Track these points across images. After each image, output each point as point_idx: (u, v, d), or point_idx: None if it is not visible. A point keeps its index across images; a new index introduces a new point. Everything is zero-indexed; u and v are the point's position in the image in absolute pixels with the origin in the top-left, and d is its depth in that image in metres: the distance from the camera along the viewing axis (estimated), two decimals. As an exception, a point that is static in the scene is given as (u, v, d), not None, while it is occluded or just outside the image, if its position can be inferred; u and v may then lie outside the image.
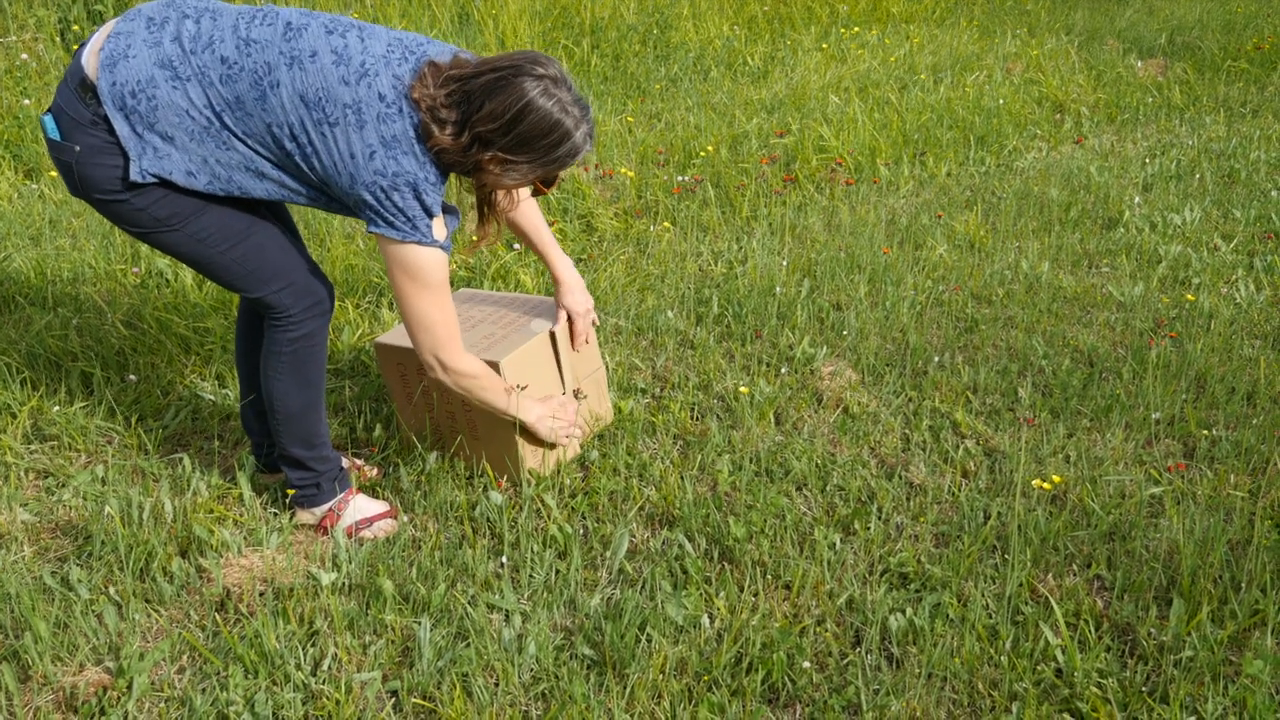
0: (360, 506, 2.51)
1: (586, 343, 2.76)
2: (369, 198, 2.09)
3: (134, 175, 2.07)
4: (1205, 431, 2.83)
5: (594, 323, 2.78)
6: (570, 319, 2.71)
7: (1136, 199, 4.56)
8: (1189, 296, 3.58)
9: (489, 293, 2.95)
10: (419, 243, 2.14)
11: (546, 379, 2.64)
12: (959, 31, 7.63)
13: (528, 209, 2.62)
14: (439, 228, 2.18)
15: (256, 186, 2.16)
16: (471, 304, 2.86)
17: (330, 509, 2.49)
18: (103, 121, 2.06)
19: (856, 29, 7.65)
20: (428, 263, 2.17)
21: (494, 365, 2.50)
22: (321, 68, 2.06)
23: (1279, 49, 7.11)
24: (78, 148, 2.08)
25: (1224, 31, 7.70)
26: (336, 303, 3.48)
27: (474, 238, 2.41)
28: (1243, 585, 2.24)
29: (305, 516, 2.52)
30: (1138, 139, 5.63)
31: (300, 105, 2.05)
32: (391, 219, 2.11)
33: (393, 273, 2.19)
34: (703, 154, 4.95)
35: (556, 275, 2.70)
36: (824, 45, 7.18)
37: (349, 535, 2.46)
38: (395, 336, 2.71)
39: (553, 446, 2.65)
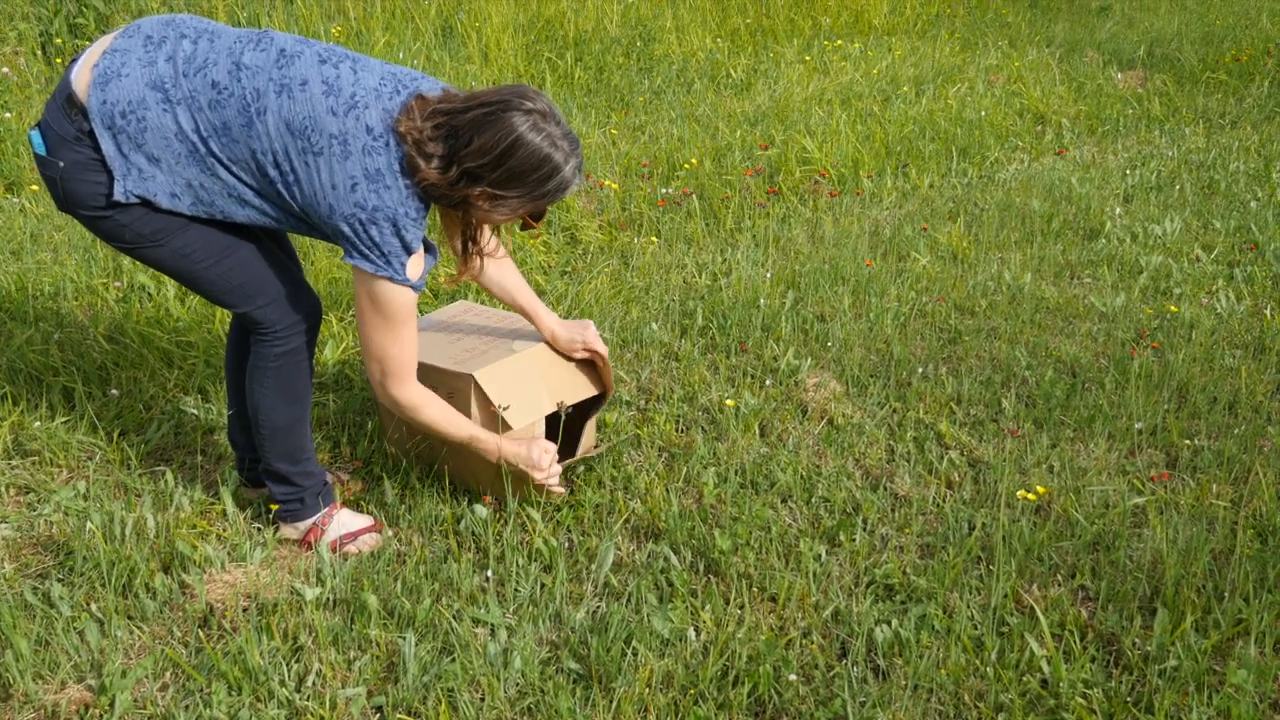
0: (344, 521, 2.50)
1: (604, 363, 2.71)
2: (346, 229, 2.08)
3: (117, 195, 2.07)
4: (1187, 441, 2.85)
5: (601, 352, 2.69)
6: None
7: (1117, 210, 4.59)
8: (1171, 307, 3.60)
9: (485, 308, 2.93)
10: (390, 279, 2.13)
11: (530, 396, 2.62)
12: (941, 44, 7.67)
13: (506, 270, 2.60)
14: (414, 266, 2.16)
15: (238, 212, 2.16)
16: (465, 318, 2.86)
17: (314, 524, 2.48)
18: (87, 137, 2.06)
19: (839, 41, 7.68)
20: (395, 300, 2.16)
21: (469, 378, 2.49)
22: (310, 97, 2.05)
23: (1257, 61, 7.18)
24: (62, 163, 2.08)
25: (1203, 43, 7.77)
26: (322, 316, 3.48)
27: (456, 272, 2.40)
28: (1226, 594, 2.25)
29: (289, 531, 2.50)
30: (1118, 150, 5.67)
31: (286, 133, 2.05)
32: (366, 252, 2.10)
33: (359, 299, 2.19)
34: (687, 166, 4.96)
35: (544, 331, 2.67)
36: (806, 58, 7.21)
37: (333, 550, 2.45)
38: None
39: (541, 490, 2.59)
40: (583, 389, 2.70)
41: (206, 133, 2.06)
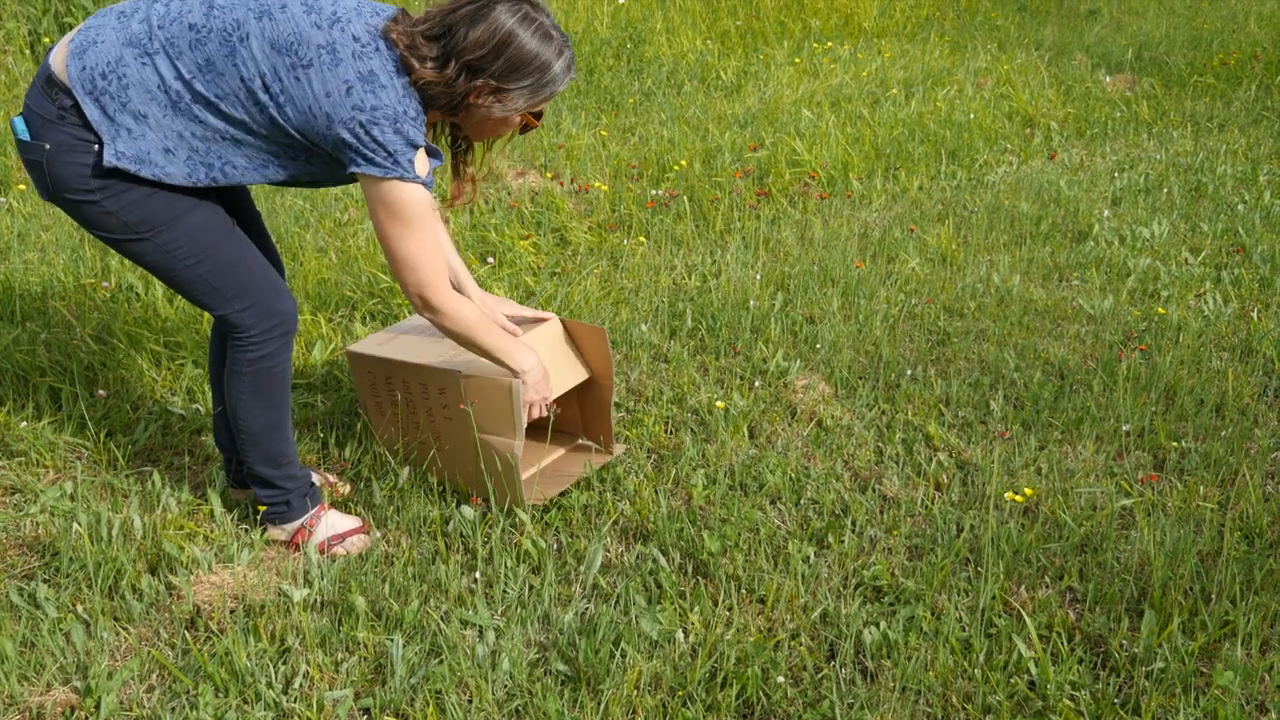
0: (332, 522, 2.49)
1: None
2: (348, 135, 2.06)
3: (108, 159, 2.05)
4: (1175, 443, 2.86)
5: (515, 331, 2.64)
6: None
7: (1106, 213, 4.60)
8: (1159, 310, 3.62)
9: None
10: (401, 178, 2.10)
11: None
12: (930, 47, 7.69)
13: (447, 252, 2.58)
14: (421, 162, 2.14)
15: (236, 156, 2.13)
16: None
17: (302, 525, 2.47)
18: (70, 113, 2.05)
19: (829, 44, 7.70)
20: (409, 199, 2.13)
21: (455, 374, 2.49)
22: (292, 16, 2.05)
23: (1244, 64, 7.21)
24: (47, 146, 2.08)
25: (1190, 47, 7.80)
26: (310, 316, 3.47)
27: (449, 197, 2.39)
28: (1213, 596, 2.25)
29: (277, 533, 2.50)
30: (1106, 153, 5.69)
31: (272, 53, 2.04)
32: (372, 155, 2.07)
33: (375, 213, 2.15)
34: (676, 168, 4.96)
35: (464, 290, 2.62)
36: (796, 60, 7.22)
37: (321, 552, 2.44)
38: (366, 345, 2.70)
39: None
40: (574, 374, 2.68)
41: (190, 75, 2.05)
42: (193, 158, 2.12)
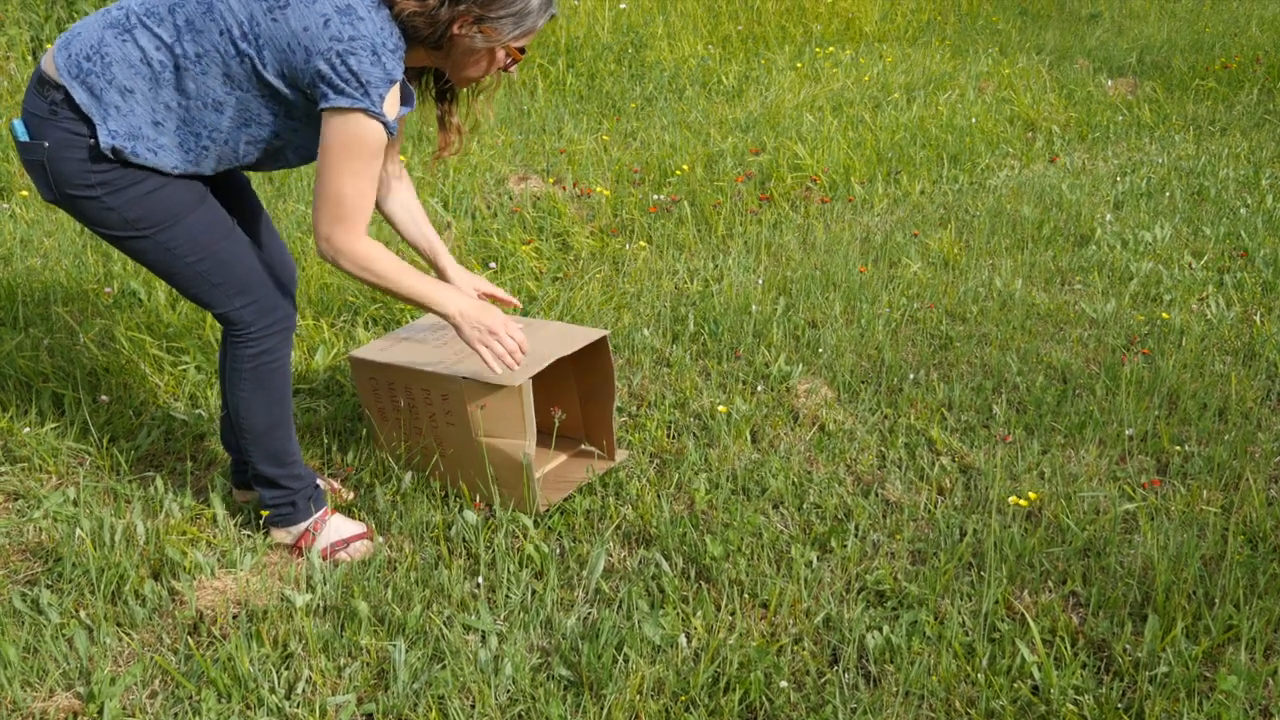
0: (337, 527, 2.49)
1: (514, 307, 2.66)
2: (324, 67, 2.04)
3: (103, 141, 2.07)
4: (1178, 447, 2.85)
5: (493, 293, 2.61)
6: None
7: (1108, 216, 4.60)
8: (1162, 314, 3.61)
9: None
10: (366, 111, 2.06)
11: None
12: (931, 51, 7.70)
13: (410, 199, 2.56)
14: (392, 103, 2.11)
15: (220, 120, 2.14)
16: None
17: (306, 529, 2.47)
18: (62, 106, 2.08)
19: (830, 48, 7.70)
20: (365, 132, 2.08)
21: (457, 380, 2.49)
22: None
23: (1246, 68, 7.21)
24: (47, 143, 2.10)
25: (1192, 51, 7.80)
26: (313, 322, 3.47)
27: (438, 148, 2.39)
28: (1216, 601, 2.25)
29: (281, 536, 2.50)
30: (1108, 157, 5.69)
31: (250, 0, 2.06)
32: (344, 85, 2.04)
33: (326, 141, 2.10)
34: (678, 172, 4.96)
35: (439, 265, 2.60)
36: (798, 64, 7.22)
37: (324, 557, 2.44)
38: (370, 351, 2.70)
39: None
40: (564, 346, 2.63)
41: (171, 39, 2.07)
42: (182, 128, 2.13)
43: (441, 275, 2.61)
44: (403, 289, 2.24)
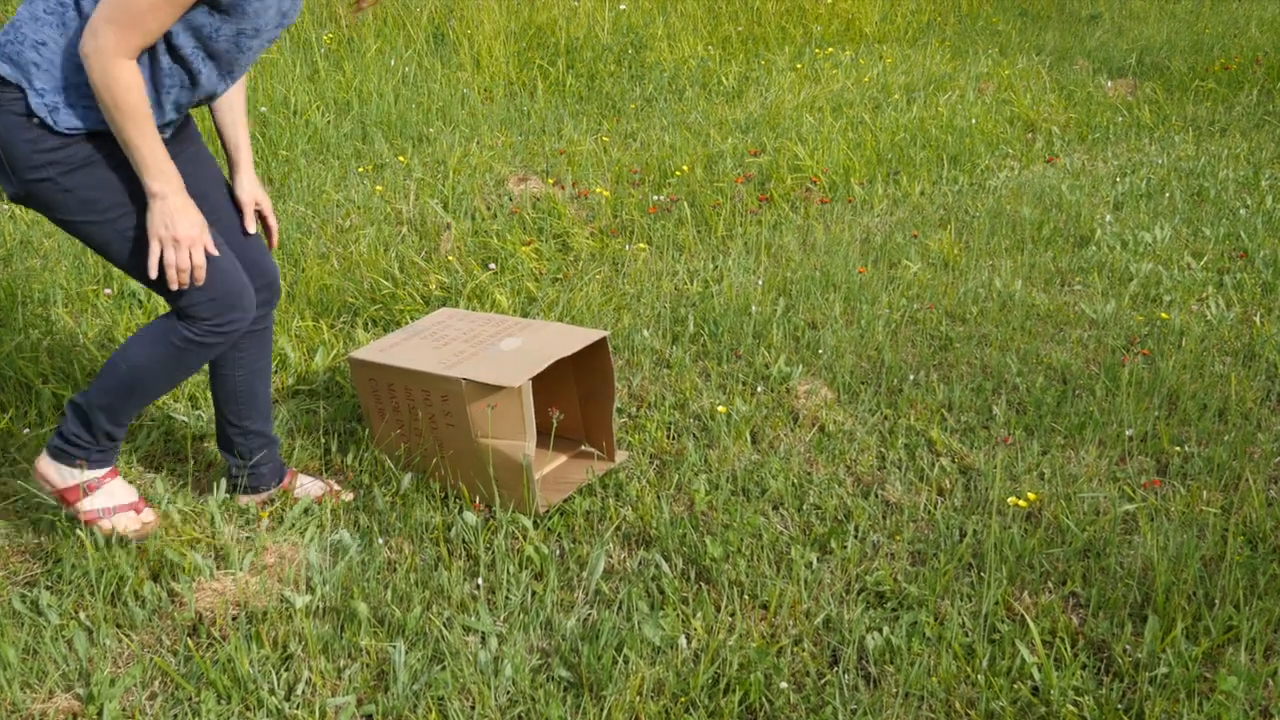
0: (114, 491, 2.39)
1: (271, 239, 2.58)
2: None
3: (33, 103, 2.06)
4: (1178, 448, 2.85)
5: (268, 220, 2.54)
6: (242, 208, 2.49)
7: (1108, 217, 4.60)
8: (1162, 315, 3.61)
9: (467, 312, 2.94)
10: None
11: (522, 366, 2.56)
12: (931, 52, 7.70)
13: (236, 94, 2.47)
14: None
15: None
16: (449, 322, 2.86)
17: (78, 485, 2.36)
18: (3, 87, 2.08)
19: (830, 49, 7.70)
20: None
21: (457, 381, 2.49)
22: None
23: (1246, 69, 7.21)
24: None
25: (1192, 52, 7.80)
26: (312, 323, 3.47)
27: (353, 1, 2.36)
28: (1216, 601, 2.25)
29: (47, 468, 2.36)
30: (1108, 158, 5.69)
31: None
32: None
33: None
34: (678, 173, 4.96)
35: (235, 160, 2.49)
36: (798, 65, 7.22)
37: (87, 523, 2.36)
38: (369, 352, 2.70)
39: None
40: (567, 346, 2.63)
41: None
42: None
43: (233, 171, 2.49)
44: (128, 132, 2.06)
